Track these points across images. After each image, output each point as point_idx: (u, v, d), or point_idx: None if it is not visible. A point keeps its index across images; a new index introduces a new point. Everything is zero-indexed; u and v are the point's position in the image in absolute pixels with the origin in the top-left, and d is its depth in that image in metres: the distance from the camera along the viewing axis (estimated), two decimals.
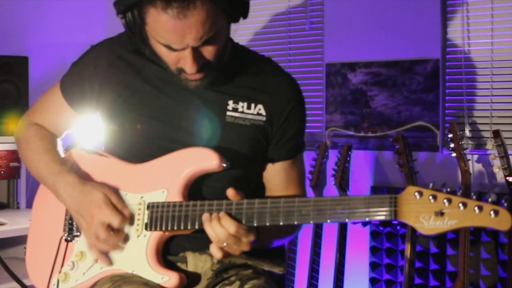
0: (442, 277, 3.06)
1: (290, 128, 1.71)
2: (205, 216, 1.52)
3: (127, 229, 1.62)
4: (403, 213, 1.36)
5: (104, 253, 1.62)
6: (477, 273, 2.94)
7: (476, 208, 1.28)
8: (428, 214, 1.33)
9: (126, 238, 1.62)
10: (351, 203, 1.43)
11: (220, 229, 1.49)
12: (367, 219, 1.41)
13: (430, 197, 1.33)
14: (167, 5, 1.42)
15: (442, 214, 1.31)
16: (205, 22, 1.45)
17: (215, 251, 1.53)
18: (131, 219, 1.62)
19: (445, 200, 1.31)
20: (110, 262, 1.62)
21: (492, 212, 1.27)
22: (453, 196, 1.31)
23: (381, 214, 1.39)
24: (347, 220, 1.43)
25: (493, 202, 1.31)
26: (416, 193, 1.35)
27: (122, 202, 1.62)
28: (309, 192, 2.86)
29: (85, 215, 1.60)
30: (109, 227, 1.58)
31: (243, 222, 1.51)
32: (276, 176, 1.75)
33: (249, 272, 1.68)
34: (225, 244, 1.51)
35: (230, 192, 1.54)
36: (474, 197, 1.33)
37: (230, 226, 1.49)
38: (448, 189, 1.35)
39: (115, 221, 1.57)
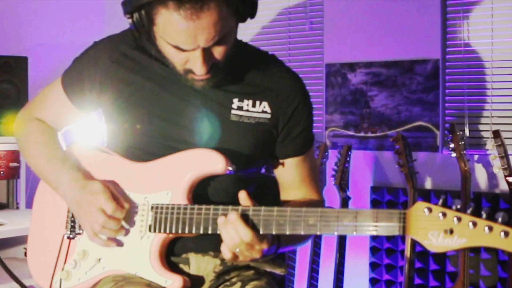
0: (442, 277, 3.07)
1: (297, 125, 1.70)
2: (221, 220, 1.50)
3: (131, 229, 1.61)
4: (412, 229, 1.34)
5: (108, 239, 1.61)
6: (477, 273, 2.95)
7: (486, 228, 1.27)
8: (437, 231, 1.31)
9: (129, 238, 1.61)
10: (359, 216, 1.41)
11: (235, 235, 1.47)
12: (374, 233, 1.39)
13: (440, 214, 1.31)
14: (179, 6, 1.40)
15: (451, 232, 1.30)
16: (217, 23, 1.44)
17: (226, 252, 1.51)
18: (132, 218, 1.61)
19: (454, 218, 1.30)
20: (114, 245, 1.61)
21: (502, 233, 1.26)
22: (463, 214, 1.30)
23: (389, 230, 1.38)
24: (354, 233, 1.41)
25: (504, 222, 1.30)
26: (426, 209, 1.33)
27: (123, 195, 1.61)
28: None
29: (84, 205, 1.59)
30: (106, 213, 1.57)
31: None
32: (288, 173, 1.74)
33: (250, 273, 1.67)
34: (238, 249, 1.49)
35: (242, 195, 1.52)
36: (484, 215, 1.31)
37: (245, 233, 1.47)
38: (458, 206, 1.33)
39: (108, 207, 1.55)
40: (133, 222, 1.61)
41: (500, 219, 1.26)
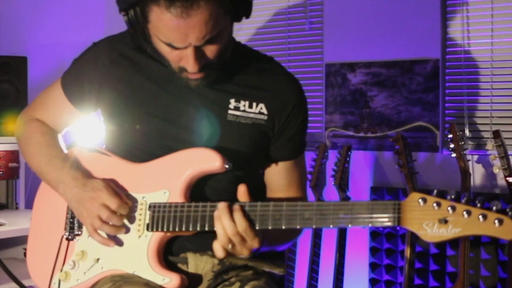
0: (442, 277, 3.06)
1: (291, 128, 1.70)
2: (216, 213, 1.50)
3: (129, 226, 1.61)
4: (407, 219, 1.35)
5: (106, 237, 1.61)
6: (477, 274, 2.94)
7: (480, 216, 1.27)
8: (432, 221, 1.31)
9: (127, 237, 1.61)
10: (354, 208, 1.42)
11: (228, 223, 1.47)
12: (370, 225, 1.39)
13: (434, 204, 1.32)
14: (170, 4, 1.42)
15: (446, 221, 1.30)
16: (208, 22, 1.45)
17: (218, 248, 1.51)
18: (130, 217, 1.61)
19: (449, 208, 1.30)
20: (113, 244, 1.61)
21: (496, 221, 1.26)
22: (457, 203, 1.30)
23: (384, 220, 1.38)
24: (350, 225, 1.42)
25: (498, 210, 1.30)
26: (420, 200, 1.34)
27: (123, 192, 1.62)
28: (309, 192, 2.85)
29: (86, 202, 1.59)
30: (109, 209, 1.57)
31: None
32: (277, 176, 1.75)
33: (249, 273, 1.67)
34: (230, 246, 1.50)
35: (242, 189, 1.53)
36: (479, 204, 1.31)
37: (241, 222, 1.48)
38: (453, 196, 1.33)
39: (112, 203, 1.56)
40: (131, 221, 1.61)
41: (494, 208, 1.27)
